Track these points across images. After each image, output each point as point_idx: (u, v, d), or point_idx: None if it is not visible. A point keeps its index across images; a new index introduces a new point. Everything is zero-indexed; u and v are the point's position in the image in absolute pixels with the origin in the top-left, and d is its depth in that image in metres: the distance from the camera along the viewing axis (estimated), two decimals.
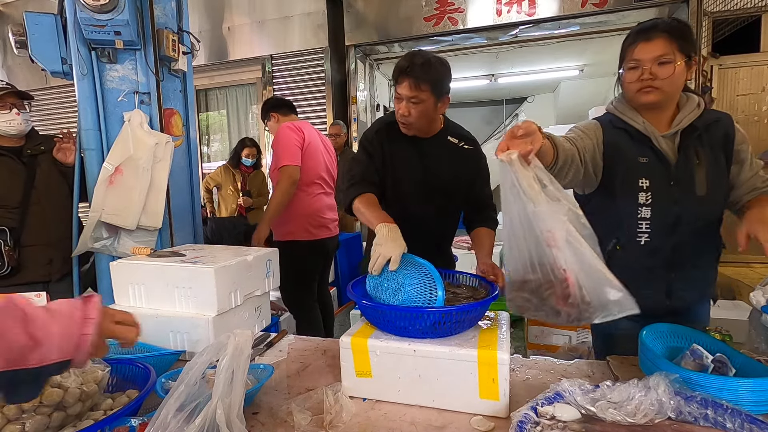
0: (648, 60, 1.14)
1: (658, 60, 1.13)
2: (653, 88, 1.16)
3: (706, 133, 1.21)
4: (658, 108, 1.21)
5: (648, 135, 1.22)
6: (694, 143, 1.20)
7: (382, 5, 4.46)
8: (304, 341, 1.44)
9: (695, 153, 1.20)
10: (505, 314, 1.16)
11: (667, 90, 1.16)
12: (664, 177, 1.21)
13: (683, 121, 1.20)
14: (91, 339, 0.59)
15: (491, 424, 0.91)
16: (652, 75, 1.14)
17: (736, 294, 3.26)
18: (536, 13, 3.99)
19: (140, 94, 2.11)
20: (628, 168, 1.23)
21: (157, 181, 2.03)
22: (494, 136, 8.30)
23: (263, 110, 2.70)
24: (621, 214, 1.25)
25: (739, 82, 3.97)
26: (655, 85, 1.15)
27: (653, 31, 1.15)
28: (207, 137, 5.73)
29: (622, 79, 1.24)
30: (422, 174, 1.52)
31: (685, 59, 1.15)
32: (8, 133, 1.90)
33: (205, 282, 1.25)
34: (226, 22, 4.93)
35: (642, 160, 1.22)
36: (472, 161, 1.56)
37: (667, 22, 1.16)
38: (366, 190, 1.43)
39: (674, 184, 1.20)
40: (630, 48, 1.19)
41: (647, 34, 1.15)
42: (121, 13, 1.92)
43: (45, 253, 1.98)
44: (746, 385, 0.84)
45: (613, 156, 1.24)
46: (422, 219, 1.51)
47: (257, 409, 1.02)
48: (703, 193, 1.19)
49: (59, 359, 0.57)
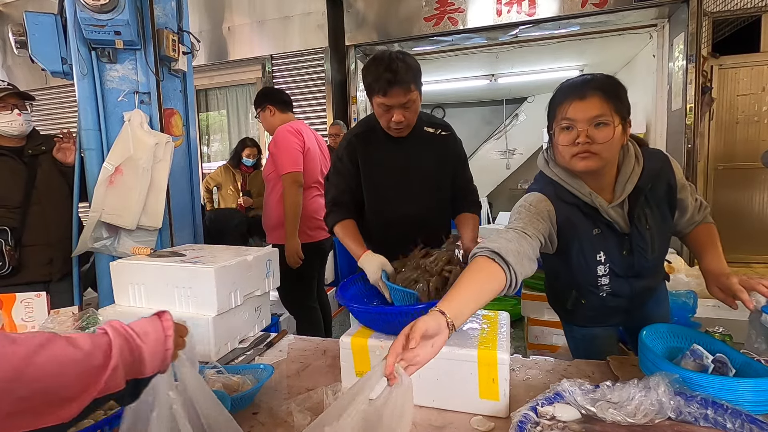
0: (583, 120, 1.04)
1: (594, 121, 1.04)
2: (591, 153, 1.05)
3: (651, 192, 1.15)
4: (597, 174, 1.12)
5: (596, 207, 1.14)
6: (641, 207, 1.15)
7: (382, 5, 4.45)
8: (304, 341, 1.44)
9: (645, 218, 1.16)
10: (505, 314, 1.16)
11: (605, 156, 1.06)
12: (617, 246, 1.18)
13: (626, 187, 1.13)
14: (171, 352, 0.68)
15: (491, 424, 0.91)
16: (589, 138, 1.04)
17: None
18: (536, 13, 3.99)
19: (140, 94, 2.11)
20: (583, 241, 1.18)
21: (157, 181, 2.03)
22: (494, 136, 8.29)
23: (259, 97, 2.56)
24: (579, 278, 1.25)
25: (739, 82, 3.97)
26: (593, 150, 1.05)
27: (587, 89, 1.05)
28: (207, 137, 5.73)
29: (554, 141, 1.13)
30: (408, 172, 1.52)
31: (621, 122, 1.06)
32: (9, 133, 1.90)
33: (205, 282, 1.25)
34: (226, 22, 4.93)
35: (595, 231, 1.17)
36: (451, 147, 1.59)
37: (600, 79, 1.08)
38: (342, 217, 1.50)
39: (626, 253, 1.18)
40: (561, 105, 1.08)
41: (581, 91, 1.06)
42: (121, 13, 1.92)
43: (46, 253, 1.98)
44: (746, 385, 0.84)
45: (568, 231, 1.17)
46: (412, 219, 1.51)
47: (257, 409, 1.02)
48: (655, 255, 1.20)
49: (153, 373, 0.66)
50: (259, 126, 5.20)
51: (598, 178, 1.14)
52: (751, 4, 3.68)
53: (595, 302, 1.28)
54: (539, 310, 2.71)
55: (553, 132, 1.13)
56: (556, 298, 1.45)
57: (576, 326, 1.42)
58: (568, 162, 1.10)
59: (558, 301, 1.43)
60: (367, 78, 1.37)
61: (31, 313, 1.31)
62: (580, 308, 1.32)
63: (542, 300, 2.70)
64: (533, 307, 2.73)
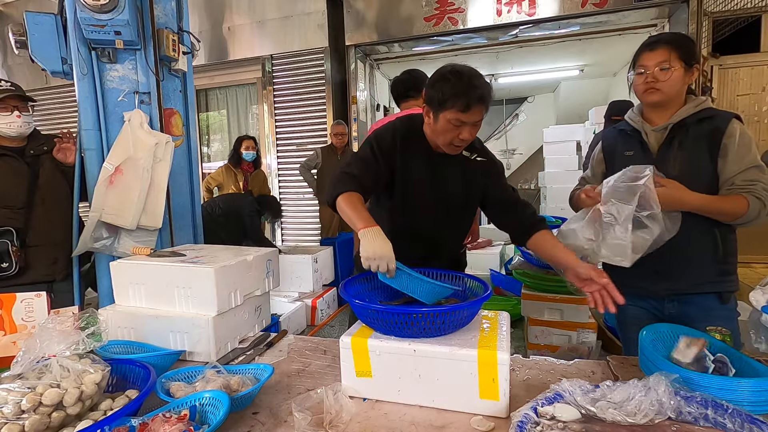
0: (650, 66, 1.35)
1: (659, 66, 1.33)
2: (655, 89, 1.35)
3: (696, 126, 1.35)
4: (661, 106, 1.39)
5: (639, 130, 1.44)
6: (679, 135, 1.36)
7: (382, 5, 4.46)
8: (304, 341, 1.44)
9: (678, 143, 1.36)
10: (505, 314, 1.16)
11: (667, 91, 1.34)
12: (644, 164, 1.35)
13: (673, 117, 1.37)
14: None
15: (491, 424, 0.91)
16: (654, 78, 1.34)
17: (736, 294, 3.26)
18: (536, 13, 3.99)
19: (140, 94, 2.11)
20: (617, 162, 1.47)
21: (157, 181, 2.03)
22: (494, 136, 8.30)
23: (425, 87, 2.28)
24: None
25: (739, 82, 3.97)
26: (657, 87, 1.34)
27: (656, 42, 1.36)
28: (207, 137, 5.74)
29: (632, 82, 1.44)
30: (434, 190, 1.44)
31: (684, 66, 1.33)
32: (8, 134, 1.90)
33: (205, 282, 1.25)
34: (226, 22, 4.93)
35: (628, 153, 1.45)
36: (480, 174, 1.46)
37: (671, 34, 1.42)
38: (354, 189, 1.33)
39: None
40: (638, 56, 1.40)
41: (651, 45, 1.37)
42: (121, 13, 1.91)
43: (50, 253, 1.98)
44: (746, 385, 0.84)
45: (610, 157, 1.53)
46: (433, 232, 1.47)
47: (257, 409, 1.02)
48: (675, 173, 1.32)
49: None
50: (259, 126, 5.21)
51: (660, 112, 1.41)
52: (751, 4, 3.68)
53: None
54: (539, 310, 2.71)
55: (632, 74, 1.44)
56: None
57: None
58: (641, 96, 1.41)
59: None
60: (444, 91, 1.25)
61: (31, 313, 1.30)
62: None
63: (542, 300, 2.70)
64: (533, 307, 2.73)
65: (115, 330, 1.32)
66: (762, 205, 1.23)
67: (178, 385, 1.00)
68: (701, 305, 1.36)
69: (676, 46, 1.33)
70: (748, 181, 1.25)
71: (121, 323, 1.32)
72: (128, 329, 1.32)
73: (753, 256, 3.99)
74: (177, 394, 0.97)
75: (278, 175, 5.12)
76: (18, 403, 0.80)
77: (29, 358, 0.93)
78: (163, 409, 0.89)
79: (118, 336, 1.32)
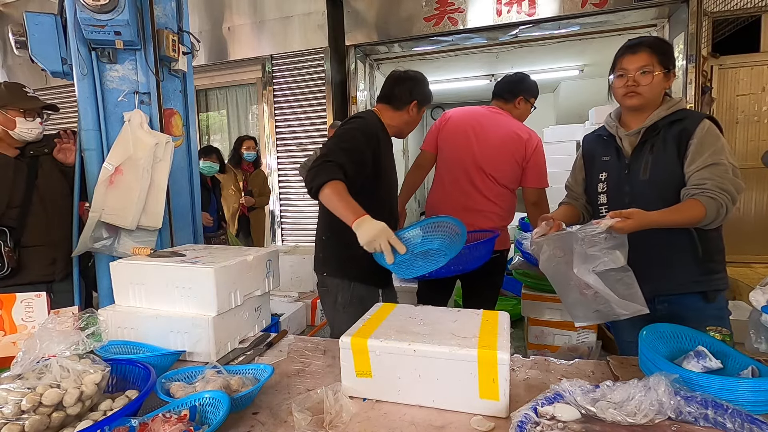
0: (632, 69, 1.37)
1: (640, 70, 1.35)
2: (635, 93, 1.37)
3: (667, 129, 1.36)
4: (640, 110, 1.41)
5: (614, 135, 1.46)
6: (651, 139, 1.38)
7: (382, 5, 4.45)
8: (304, 341, 1.44)
9: (650, 147, 1.38)
10: (505, 314, 1.16)
11: (647, 95, 1.37)
12: (618, 169, 1.45)
13: (646, 121, 1.39)
14: None
15: (491, 424, 0.91)
16: (635, 82, 1.36)
17: (736, 294, 3.26)
18: (536, 13, 3.99)
19: (140, 94, 2.11)
20: (594, 167, 1.53)
21: (157, 181, 2.03)
22: None
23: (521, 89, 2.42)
24: (591, 201, 1.58)
25: (739, 82, 3.97)
26: (638, 91, 1.36)
27: (639, 46, 1.38)
28: (207, 137, 5.73)
29: (612, 84, 1.45)
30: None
31: (664, 71, 1.36)
32: (25, 139, 1.93)
33: (205, 282, 1.25)
34: (226, 22, 4.92)
35: (605, 158, 1.49)
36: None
37: (651, 39, 1.42)
38: (338, 178, 1.39)
39: (627, 173, 1.42)
40: (619, 59, 1.41)
41: (633, 47, 1.38)
42: (121, 13, 1.91)
43: (48, 253, 1.97)
44: (746, 385, 0.84)
45: (590, 162, 1.58)
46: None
47: (257, 409, 1.02)
48: (646, 177, 1.36)
49: None
50: (258, 126, 5.20)
51: (638, 115, 1.42)
52: (751, 4, 3.68)
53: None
54: (539, 310, 2.71)
55: (612, 77, 1.45)
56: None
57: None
58: (620, 100, 1.42)
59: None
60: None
61: (31, 313, 1.31)
62: None
63: (542, 300, 2.70)
64: (533, 307, 2.73)
65: (115, 330, 1.32)
66: (718, 204, 1.20)
67: (178, 386, 1.00)
68: (688, 305, 1.37)
69: (658, 51, 1.35)
70: (699, 182, 1.24)
71: (121, 323, 1.32)
72: (128, 329, 1.32)
73: (753, 256, 3.99)
74: (177, 394, 0.97)
75: (278, 175, 5.12)
76: (18, 403, 0.80)
77: (29, 358, 0.93)
78: (163, 409, 0.89)
79: (118, 336, 1.32)
